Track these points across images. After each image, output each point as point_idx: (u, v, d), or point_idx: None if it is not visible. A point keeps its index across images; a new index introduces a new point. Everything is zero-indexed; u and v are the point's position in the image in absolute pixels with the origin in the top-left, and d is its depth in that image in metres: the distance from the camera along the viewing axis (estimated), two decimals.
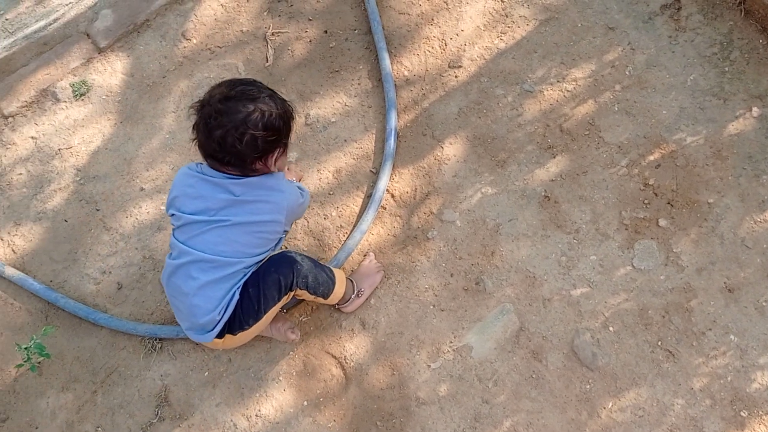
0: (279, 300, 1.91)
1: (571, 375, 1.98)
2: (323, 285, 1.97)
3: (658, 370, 1.94)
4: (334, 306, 2.13)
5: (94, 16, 2.80)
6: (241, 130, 1.71)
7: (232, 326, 1.89)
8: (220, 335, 1.90)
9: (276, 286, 1.87)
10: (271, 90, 1.82)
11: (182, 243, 1.86)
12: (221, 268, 1.83)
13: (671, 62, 2.34)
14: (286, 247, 2.26)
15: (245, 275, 1.88)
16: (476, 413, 1.97)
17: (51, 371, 2.23)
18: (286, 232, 1.99)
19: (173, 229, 1.92)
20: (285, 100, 1.83)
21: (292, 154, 2.41)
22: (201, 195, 1.84)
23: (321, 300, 2.03)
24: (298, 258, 1.92)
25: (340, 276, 2.04)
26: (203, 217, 1.83)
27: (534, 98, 2.37)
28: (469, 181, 2.28)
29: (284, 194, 1.88)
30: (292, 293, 1.94)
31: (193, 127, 1.79)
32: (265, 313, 1.90)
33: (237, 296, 1.86)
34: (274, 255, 1.93)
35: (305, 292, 1.95)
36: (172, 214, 1.91)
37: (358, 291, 2.10)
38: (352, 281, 2.10)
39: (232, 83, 1.79)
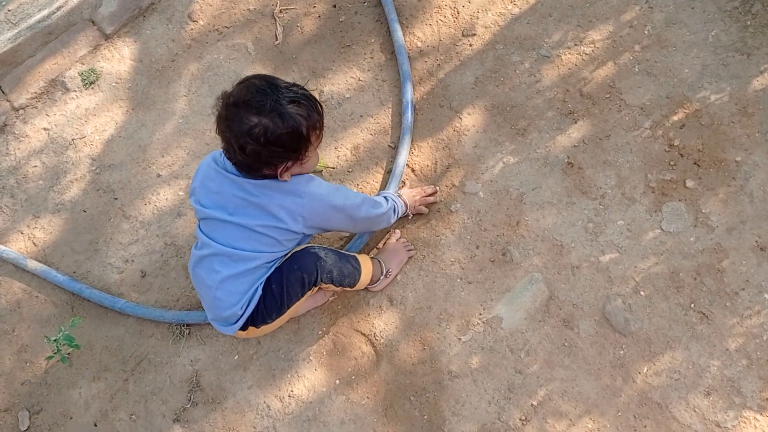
0: (302, 295, 1.92)
1: (604, 341, 1.97)
2: (349, 276, 1.97)
3: (692, 332, 1.93)
4: (365, 288, 2.13)
5: (98, 2, 2.75)
6: (242, 142, 1.68)
7: (255, 320, 1.91)
8: (243, 328, 1.91)
9: (299, 284, 1.87)
10: (291, 96, 1.70)
11: (205, 235, 1.88)
12: (242, 262, 1.83)
13: (691, 19, 2.28)
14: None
15: (268, 270, 1.88)
16: (510, 384, 1.97)
17: (81, 362, 2.23)
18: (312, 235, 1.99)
19: (196, 211, 1.92)
20: (301, 115, 1.70)
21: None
22: (219, 191, 1.84)
23: (348, 289, 2.04)
24: (322, 254, 1.90)
25: (365, 263, 2.02)
26: (221, 214, 1.83)
27: (552, 63, 2.33)
28: (489, 152, 2.25)
29: (302, 200, 1.81)
30: (317, 288, 1.94)
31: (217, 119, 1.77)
32: (288, 308, 1.92)
33: (259, 292, 1.87)
34: (297, 251, 1.91)
35: (330, 285, 1.95)
36: (194, 205, 1.92)
37: (387, 271, 2.09)
38: (379, 261, 2.08)
39: (252, 87, 1.70)
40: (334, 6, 2.58)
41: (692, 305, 1.96)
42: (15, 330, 2.32)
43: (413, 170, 2.28)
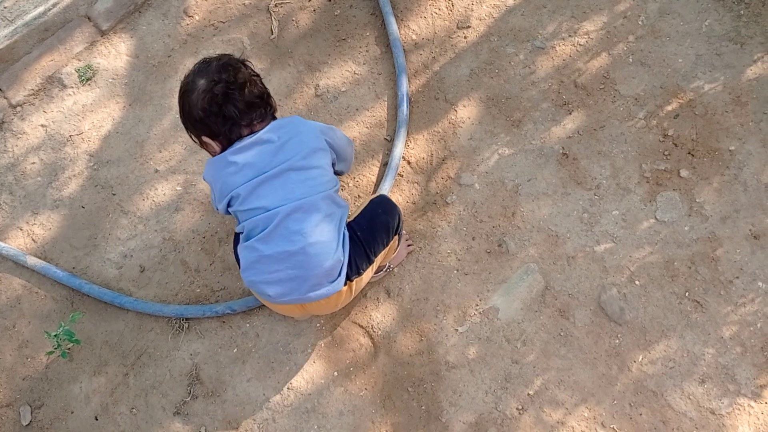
0: (387, 244, 1.88)
1: (600, 331, 1.98)
2: (400, 234, 1.99)
3: (687, 320, 1.94)
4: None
5: None
6: (247, 82, 1.77)
7: (349, 273, 1.83)
8: (345, 283, 1.83)
9: (385, 229, 1.86)
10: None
11: (262, 213, 1.77)
12: (314, 210, 1.76)
13: (685, 9, 2.29)
14: None
15: (340, 210, 1.82)
16: (507, 374, 1.98)
17: (81, 356, 2.25)
18: (339, 171, 1.98)
19: (240, 218, 1.83)
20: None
21: None
22: (247, 162, 1.77)
23: (388, 258, 2.00)
24: (394, 201, 1.95)
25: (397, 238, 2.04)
26: (263, 175, 1.76)
27: (546, 55, 2.33)
28: (485, 143, 2.26)
29: (307, 122, 1.86)
30: (396, 237, 1.92)
31: (197, 125, 1.78)
32: (375, 256, 1.86)
33: (348, 236, 1.82)
34: (375, 198, 1.92)
35: (394, 242, 1.93)
36: (229, 202, 1.82)
37: (387, 267, 2.11)
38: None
39: (201, 71, 1.77)
40: (329, 0, 2.59)
41: (687, 294, 1.97)
42: (15, 326, 2.34)
43: (409, 163, 2.29)
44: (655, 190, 2.09)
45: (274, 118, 1.87)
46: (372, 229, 1.84)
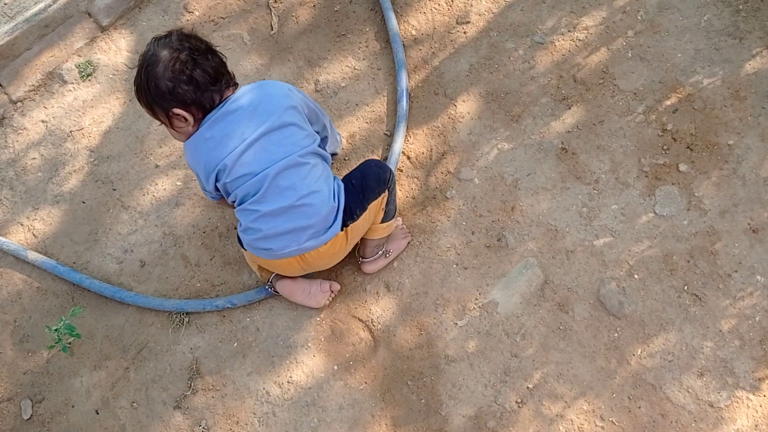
0: (378, 194, 1.94)
1: (599, 324, 1.99)
2: (393, 204, 2.05)
3: (686, 314, 1.95)
4: (357, 259, 2.15)
5: None
6: (208, 53, 1.80)
7: (345, 218, 1.90)
8: (341, 227, 1.90)
9: (376, 178, 1.93)
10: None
11: (250, 179, 1.81)
12: (304, 165, 1.82)
13: (683, 4, 2.29)
14: None
15: (329, 164, 1.93)
16: (506, 367, 1.99)
17: (82, 351, 2.26)
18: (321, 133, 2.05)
19: (229, 188, 1.86)
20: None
21: None
22: (225, 134, 1.81)
23: (380, 218, 2.02)
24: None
25: (397, 218, 2.13)
26: (244, 143, 1.79)
27: (545, 50, 2.34)
28: (484, 138, 2.26)
29: (269, 81, 1.91)
30: (386, 192, 1.98)
31: (165, 98, 1.77)
32: (368, 204, 1.93)
33: (341, 185, 1.91)
34: (368, 159, 2.02)
35: (386, 197, 1.99)
36: (217, 176, 1.84)
37: (386, 251, 2.12)
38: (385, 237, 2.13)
39: (161, 43, 1.78)
40: None
41: (686, 287, 1.97)
42: (16, 320, 2.34)
43: (409, 158, 2.29)
44: (654, 184, 2.09)
45: (236, 85, 1.90)
46: (364, 177, 1.93)
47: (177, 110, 1.79)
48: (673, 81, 2.19)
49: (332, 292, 2.13)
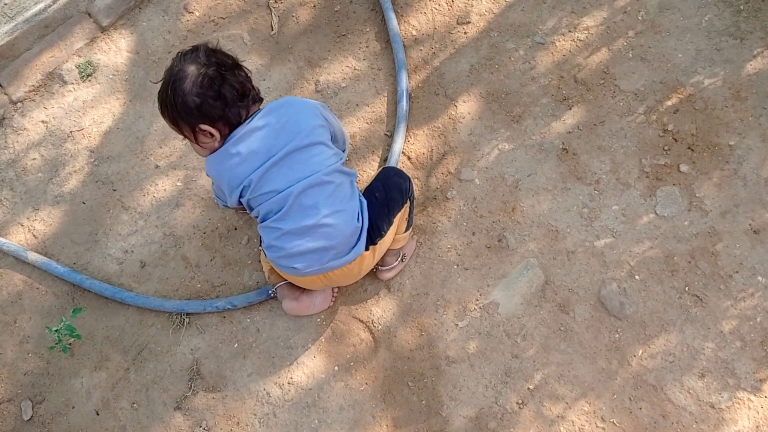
0: (402, 205, 1.93)
1: (600, 325, 1.98)
2: (413, 211, 2.05)
3: (687, 315, 1.94)
4: (374, 268, 2.11)
5: None
6: (233, 72, 1.78)
7: (372, 235, 1.87)
8: (367, 247, 1.87)
9: (398, 189, 1.92)
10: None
11: (274, 196, 1.79)
12: (327, 183, 1.79)
13: (684, 4, 2.29)
14: None
15: (352, 181, 1.88)
16: (507, 368, 1.99)
17: (82, 352, 2.25)
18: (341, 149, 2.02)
19: (252, 204, 1.85)
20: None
21: None
22: (251, 150, 1.79)
23: (403, 228, 2.00)
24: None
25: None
26: (269, 161, 1.78)
27: (546, 50, 2.33)
28: (485, 139, 2.26)
29: (296, 98, 1.91)
30: (408, 201, 1.96)
31: (192, 114, 1.75)
32: (394, 217, 1.91)
33: (364, 200, 1.87)
34: (386, 167, 2.01)
35: (408, 207, 1.98)
36: (241, 193, 1.83)
37: (402, 255, 2.12)
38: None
39: (188, 59, 1.76)
40: None
41: (687, 288, 1.97)
42: (17, 321, 2.34)
43: (409, 158, 2.29)
44: (654, 185, 2.09)
45: (261, 100, 1.89)
46: (387, 190, 1.91)
47: (204, 126, 1.77)
48: (674, 81, 2.19)
49: (334, 295, 2.13)
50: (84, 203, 2.46)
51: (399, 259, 2.10)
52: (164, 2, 2.71)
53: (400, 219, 1.96)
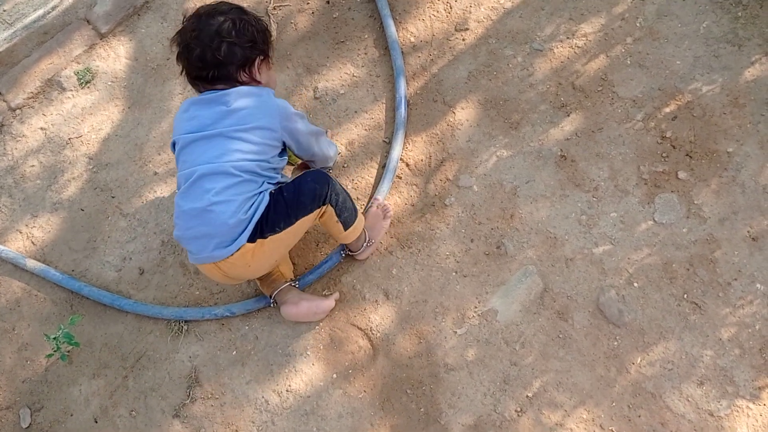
0: (311, 211, 1.89)
1: (598, 333, 1.98)
2: (348, 211, 1.99)
3: (686, 322, 1.94)
4: (345, 253, 2.17)
5: (93, 2, 2.77)
6: (216, 42, 1.81)
7: (263, 228, 1.84)
8: (252, 239, 1.82)
9: (311, 195, 1.87)
10: (241, 6, 1.92)
11: (188, 165, 1.85)
12: (232, 176, 1.80)
13: (682, 11, 2.29)
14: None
15: (262, 182, 1.86)
16: (505, 376, 1.99)
17: (81, 359, 2.25)
18: (286, 157, 2.00)
19: (177, 164, 1.91)
20: (256, 15, 1.93)
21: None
22: (195, 115, 1.87)
23: (340, 229, 2.00)
24: (332, 177, 1.95)
25: (360, 216, 2.06)
26: (199, 134, 1.84)
27: (544, 57, 2.34)
28: (483, 145, 2.26)
29: (274, 100, 1.91)
30: (324, 208, 1.92)
31: (177, 58, 1.87)
32: (297, 220, 1.87)
33: (266, 198, 1.84)
34: (310, 170, 1.96)
35: (333, 211, 1.94)
36: (173, 144, 1.91)
37: (369, 240, 2.13)
38: (363, 231, 2.12)
39: (202, 6, 1.89)
40: (328, 2, 2.59)
41: (685, 296, 1.97)
42: (15, 328, 2.34)
43: (407, 165, 2.29)
44: (653, 191, 2.09)
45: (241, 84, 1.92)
46: (299, 193, 1.86)
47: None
48: (672, 88, 2.19)
49: (330, 304, 2.13)
50: (82, 210, 2.46)
51: (365, 243, 2.13)
52: (163, 9, 2.71)
53: (309, 222, 1.92)
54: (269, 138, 1.87)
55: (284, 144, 1.94)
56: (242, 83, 1.88)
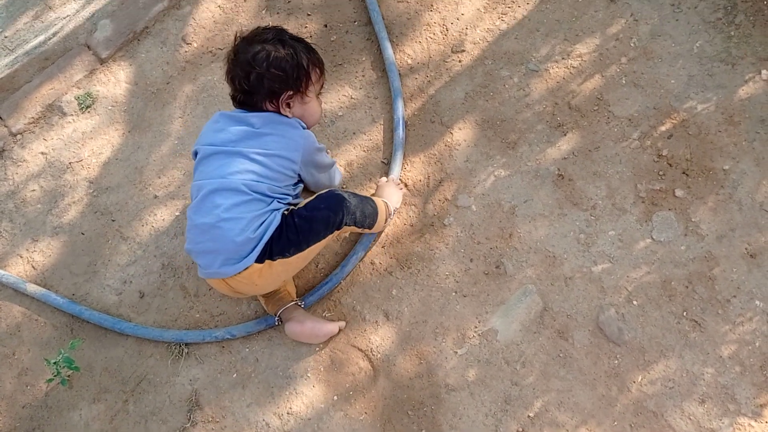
0: (324, 237, 1.91)
1: (599, 351, 1.98)
2: (369, 217, 2.02)
3: (686, 340, 1.94)
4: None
5: (93, 27, 2.80)
6: (247, 69, 1.87)
7: (272, 251, 1.84)
8: (260, 260, 1.83)
9: (324, 223, 1.88)
10: (292, 37, 1.96)
11: (203, 176, 1.88)
12: (245, 194, 1.82)
13: (676, 30, 2.32)
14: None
15: (272, 201, 1.86)
16: (506, 396, 1.98)
17: (81, 383, 2.25)
18: (302, 182, 2.04)
19: (194, 173, 1.95)
20: (301, 49, 1.94)
21: None
22: (223, 129, 1.91)
23: (366, 231, 2.10)
24: (346, 195, 1.95)
25: (380, 204, 2.10)
26: (221, 148, 1.88)
27: (540, 77, 2.36)
28: (481, 165, 2.28)
29: (301, 132, 1.94)
30: (339, 231, 1.94)
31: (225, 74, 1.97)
32: (308, 246, 1.88)
33: (277, 219, 1.84)
34: (322, 193, 1.94)
35: (354, 227, 1.98)
36: (195, 153, 1.95)
37: (394, 210, 2.20)
38: (384, 202, 2.14)
39: (260, 28, 1.96)
40: (325, 26, 2.62)
41: (685, 313, 1.97)
42: (15, 353, 2.34)
43: (406, 185, 2.30)
44: (650, 210, 2.10)
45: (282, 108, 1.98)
46: (310, 220, 1.86)
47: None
48: (668, 107, 2.21)
49: (340, 328, 2.13)
50: (83, 234, 2.46)
51: (391, 214, 2.19)
52: (162, 34, 2.74)
53: (322, 246, 1.95)
54: (287, 168, 1.91)
55: (299, 176, 1.99)
56: (271, 112, 1.93)
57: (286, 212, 1.88)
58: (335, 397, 2.08)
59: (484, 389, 2.00)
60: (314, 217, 1.86)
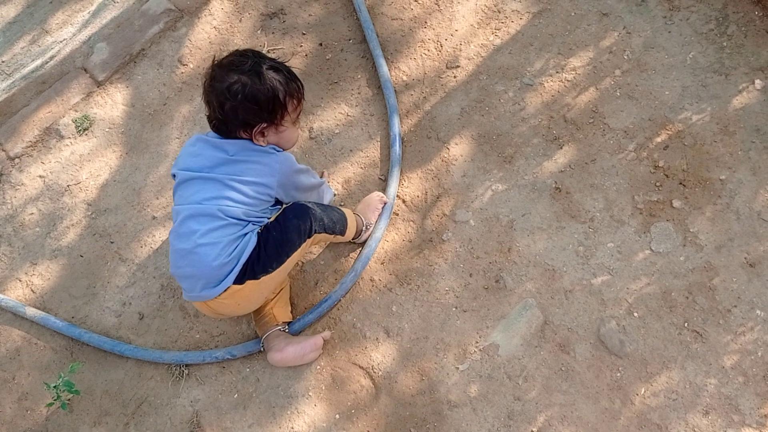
0: (300, 245, 1.93)
1: (601, 364, 1.97)
2: (338, 222, 2.05)
3: (688, 351, 1.94)
4: (350, 242, 2.24)
5: (90, 51, 2.81)
6: (222, 98, 1.85)
7: (255, 269, 1.86)
8: (239, 281, 1.86)
9: (296, 230, 1.90)
10: (271, 65, 1.90)
11: (182, 200, 1.92)
12: (220, 219, 1.84)
13: (669, 42, 2.34)
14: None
15: (247, 224, 1.88)
16: (509, 411, 1.97)
17: (81, 407, 2.23)
18: (281, 202, 2.03)
19: (173, 196, 1.97)
20: (278, 80, 1.88)
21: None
22: (199, 153, 1.92)
23: (340, 238, 2.11)
24: (311, 204, 1.98)
25: (348, 212, 2.13)
26: (197, 174, 1.89)
27: (535, 91, 2.37)
28: (478, 180, 2.28)
29: (276, 157, 1.94)
30: (311, 240, 1.96)
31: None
32: (287, 257, 1.91)
33: (254, 239, 1.87)
34: (289, 205, 1.97)
35: (324, 234, 2.00)
36: (174, 175, 1.97)
37: (366, 224, 2.20)
38: (358, 215, 2.19)
39: (232, 53, 1.93)
40: (320, 44, 2.64)
41: (686, 324, 1.97)
42: (15, 378, 2.33)
43: (404, 201, 2.31)
44: (648, 221, 2.10)
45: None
46: (284, 231, 1.90)
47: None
48: (663, 118, 2.22)
49: (324, 342, 2.12)
50: (82, 256, 2.46)
51: (364, 227, 2.20)
52: (159, 56, 2.76)
53: (301, 254, 1.97)
54: (262, 194, 1.92)
55: (277, 199, 2.00)
56: (245, 139, 1.92)
57: (260, 230, 1.91)
58: (337, 416, 2.07)
59: (487, 405, 1.99)
60: (287, 227, 1.90)
